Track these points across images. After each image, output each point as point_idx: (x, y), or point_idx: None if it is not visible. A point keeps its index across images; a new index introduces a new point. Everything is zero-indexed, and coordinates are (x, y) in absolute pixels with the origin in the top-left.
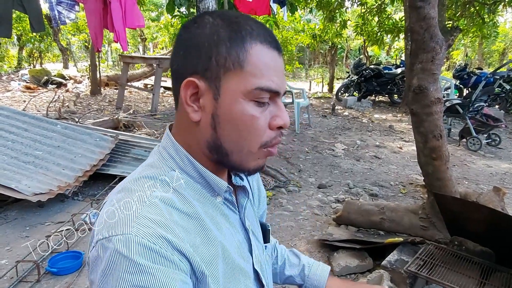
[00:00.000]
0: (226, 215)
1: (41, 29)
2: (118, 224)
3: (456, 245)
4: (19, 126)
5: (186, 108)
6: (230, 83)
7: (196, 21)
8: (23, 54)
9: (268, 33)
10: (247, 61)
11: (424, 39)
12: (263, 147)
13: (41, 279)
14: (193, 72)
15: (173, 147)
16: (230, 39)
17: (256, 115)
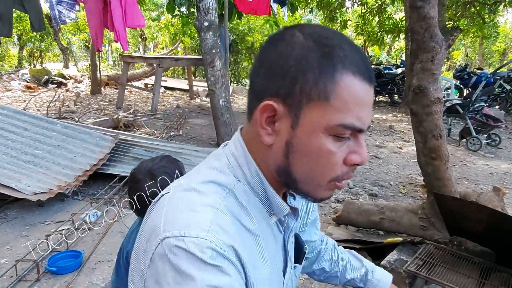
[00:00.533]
0: (275, 235)
1: (42, 28)
2: (192, 226)
3: (456, 245)
4: (19, 126)
5: (259, 130)
6: (312, 115)
7: (285, 38)
8: (23, 53)
9: (363, 61)
10: (334, 93)
11: (424, 39)
12: (333, 181)
13: (41, 278)
14: (273, 94)
15: (245, 159)
16: (319, 66)
17: (334, 150)
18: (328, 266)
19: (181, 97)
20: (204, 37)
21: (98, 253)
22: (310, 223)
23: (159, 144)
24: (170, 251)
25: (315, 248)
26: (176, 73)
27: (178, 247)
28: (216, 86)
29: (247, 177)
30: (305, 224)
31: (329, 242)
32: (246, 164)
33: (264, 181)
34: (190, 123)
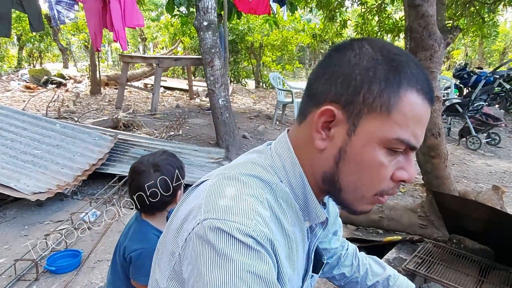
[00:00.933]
0: (304, 241)
1: (41, 28)
2: (236, 212)
3: (455, 243)
4: (18, 125)
5: (314, 134)
6: (370, 125)
7: (354, 48)
8: (23, 54)
9: (427, 82)
10: (397, 107)
11: (423, 37)
12: (377, 195)
13: (40, 278)
14: (334, 100)
15: (291, 161)
16: (386, 79)
17: (385, 163)
18: (348, 271)
19: (181, 97)
20: (203, 36)
21: (97, 253)
22: (332, 234)
23: (158, 144)
24: (212, 231)
25: (336, 253)
26: (176, 73)
27: (220, 229)
28: (215, 85)
29: (290, 179)
30: (326, 236)
31: (350, 248)
32: (291, 166)
33: (306, 185)
34: (189, 123)
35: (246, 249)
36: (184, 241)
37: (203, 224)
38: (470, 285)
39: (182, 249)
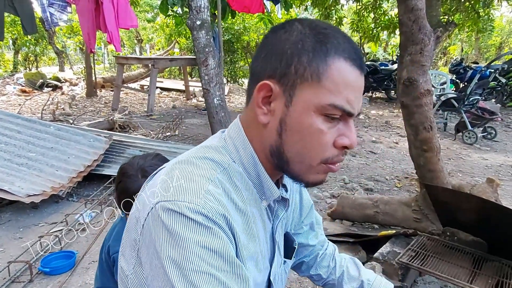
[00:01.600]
0: (264, 221)
1: (34, 31)
2: (185, 192)
3: (448, 236)
4: (12, 129)
5: (256, 110)
6: (305, 94)
7: (285, 27)
8: (18, 58)
9: (354, 50)
10: (326, 75)
11: (413, 31)
12: (324, 163)
13: (34, 279)
14: (270, 75)
15: (242, 142)
16: (314, 49)
17: (324, 130)
18: (324, 272)
19: (178, 97)
20: (196, 36)
21: (92, 253)
22: (307, 227)
23: (154, 144)
24: (164, 212)
25: (313, 252)
26: (173, 74)
27: (172, 210)
28: (210, 85)
29: (242, 158)
30: (300, 227)
31: (330, 248)
32: (242, 146)
33: (258, 163)
34: (186, 123)
35: (197, 226)
36: (142, 226)
37: (156, 207)
38: (464, 277)
39: (141, 235)
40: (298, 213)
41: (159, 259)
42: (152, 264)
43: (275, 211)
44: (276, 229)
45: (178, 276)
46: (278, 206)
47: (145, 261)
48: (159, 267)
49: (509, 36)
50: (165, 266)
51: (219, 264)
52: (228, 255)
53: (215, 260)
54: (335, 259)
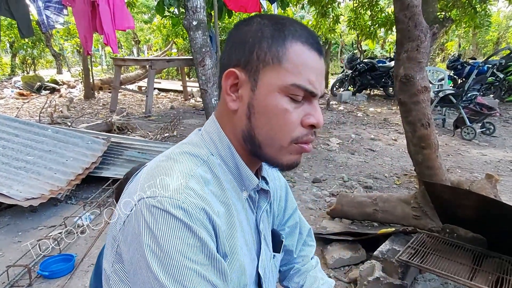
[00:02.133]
0: (247, 212)
1: (30, 34)
2: (167, 188)
3: (448, 232)
4: (10, 132)
5: (225, 97)
6: (268, 77)
7: (246, 21)
8: (16, 61)
9: (311, 36)
10: (285, 57)
11: (409, 27)
12: (294, 143)
13: (33, 283)
14: (235, 64)
15: (218, 134)
16: (272, 36)
17: (289, 109)
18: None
19: (176, 98)
20: (193, 36)
21: (91, 256)
22: (289, 229)
23: (152, 146)
24: (146, 209)
25: (290, 263)
26: (170, 74)
27: (153, 206)
28: (207, 85)
29: (219, 150)
30: (282, 227)
31: (308, 265)
32: (218, 138)
33: (234, 153)
34: (184, 123)
35: (178, 222)
36: (122, 223)
37: (138, 204)
38: (464, 273)
39: (121, 231)
40: (282, 209)
41: (142, 254)
42: (134, 259)
43: (257, 202)
44: (260, 220)
45: (161, 270)
46: (260, 197)
47: (125, 257)
48: (142, 261)
49: (506, 31)
50: (148, 260)
51: (199, 259)
52: (208, 250)
53: (196, 255)
54: (306, 279)
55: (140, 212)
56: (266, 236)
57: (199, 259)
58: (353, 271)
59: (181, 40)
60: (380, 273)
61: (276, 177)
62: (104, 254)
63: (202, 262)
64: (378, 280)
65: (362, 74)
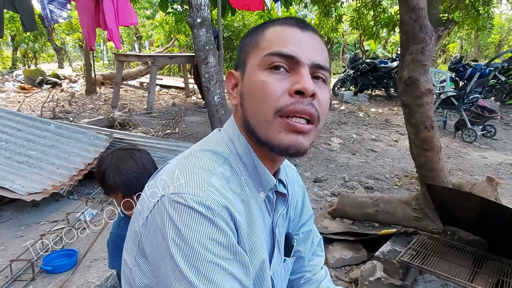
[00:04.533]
0: (263, 213)
1: (33, 28)
2: (189, 185)
3: (449, 234)
4: (12, 126)
5: (229, 97)
6: (250, 62)
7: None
8: (17, 54)
9: (295, 19)
10: (262, 39)
11: (414, 30)
12: (279, 115)
13: (36, 278)
14: (235, 67)
15: (236, 134)
16: (255, 31)
17: (268, 80)
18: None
19: (177, 95)
20: (197, 33)
21: (94, 252)
22: (303, 235)
23: (154, 142)
24: (170, 204)
25: (300, 272)
26: (172, 71)
27: (177, 202)
28: (210, 82)
29: (237, 149)
30: (297, 231)
31: (318, 275)
32: (236, 137)
33: (252, 152)
34: (186, 121)
35: (201, 217)
36: (146, 218)
37: (162, 200)
38: (464, 275)
39: (143, 226)
40: (298, 214)
41: (166, 248)
42: (157, 252)
43: (274, 204)
44: (276, 224)
45: (185, 263)
46: (277, 200)
47: (148, 251)
48: (165, 254)
49: (508, 34)
50: (172, 253)
51: (222, 253)
52: (230, 244)
53: (218, 249)
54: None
55: (164, 207)
56: (280, 241)
57: (222, 253)
58: (354, 271)
59: (184, 36)
60: (381, 274)
61: (295, 181)
62: (125, 246)
63: (225, 256)
64: (379, 280)
65: (364, 74)
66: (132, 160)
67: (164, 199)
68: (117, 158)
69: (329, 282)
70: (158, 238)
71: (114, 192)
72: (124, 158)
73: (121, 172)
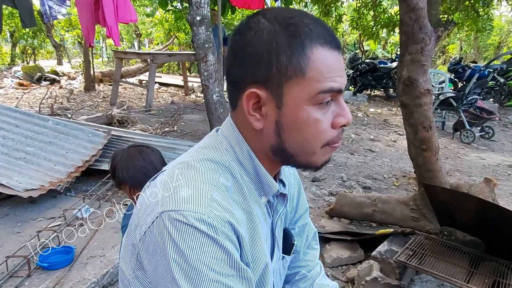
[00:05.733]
0: (265, 216)
1: (32, 24)
2: (190, 201)
3: (446, 235)
4: (10, 122)
5: (248, 118)
6: (293, 91)
7: (251, 27)
8: (16, 50)
9: (327, 32)
10: (309, 67)
11: (414, 30)
12: (326, 146)
13: (32, 274)
14: (252, 81)
15: (237, 140)
16: (290, 46)
17: (320, 118)
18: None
19: (176, 93)
20: (196, 31)
21: (90, 249)
22: (299, 229)
23: (153, 140)
24: (170, 222)
25: (295, 267)
26: (172, 69)
27: (177, 220)
28: (209, 81)
29: (238, 156)
30: (292, 226)
31: (313, 272)
32: (237, 144)
33: (254, 159)
34: (184, 119)
35: (203, 236)
36: (143, 233)
37: (161, 217)
38: (461, 276)
39: (141, 241)
40: (294, 208)
41: (167, 267)
42: (158, 271)
43: (274, 206)
44: (275, 224)
45: (187, 283)
46: (277, 201)
47: (147, 266)
48: (167, 274)
49: (508, 35)
50: (174, 274)
51: (225, 271)
52: (233, 261)
53: (222, 267)
54: (314, 286)
55: (164, 225)
56: (278, 240)
57: (225, 271)
58: (350, 270)
59: (183, 34)
60: (378, 273)
61: (292, 174)
62: (122, 256)
63: (228, 273)
64: (376, 280)
65: (363, 74)
66: (140, 156)
67: (164, 216)
68: (127, 154)
69: (323, 278)
70: (158, 256)
71: (123, 185)
72: (133, 155)
73: (128, 167)
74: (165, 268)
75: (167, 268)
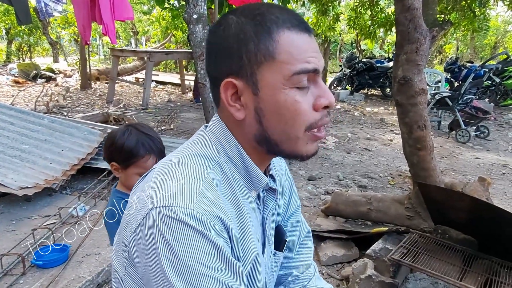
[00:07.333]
0: (256, 212)
1: (28, 21)
2: (179, 197)
3: (440, 233)
4: (5, 120)
5: (229, 109)
6: (266, 76)
7: (221, 23)
8: (12, 48)
9: (294, 17)
10: (278, 51)
11: (409, 30)
12: (308, 130)
13: (27, 272)
14: (228, 74)
15: (224, 135)
16: (256, 33)
17: (299, 100)
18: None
19: (173, 91)
20: (193, 29)
21: (85, 247)
22: (291, 226)
23: None
24: (160, 218)
25: (287, 267)
26: (169, 67)
27: (168, 216)
28: (206, 79)
29: (226, 150)
30: (284, 223)
31: (307, 273)
32: (225, 138)
33: (242, 153)
34: (181, 117)
35: (193, 231)
36: (134, 230)
37: (151, 213)
38: (454, 274)
39: (132, 238)
40: (286, 205)
41: (157, 263)
42: (148, 267)
43: (264, 201)
44: (266, 219)
45: (178, 279)
46: (267, 196)
47: (139, 263)
48: (157, 270)
49: (504, 35)
50: (165, 269)
51: (215, 265)
52: (223, 255)
53: (212, 262)
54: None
55: (154, 221)
56: (270, 235)
57: (216, 265)
58: (345, 268)
59: (180, 33)
60: (372, 271)
61: (283, 171)
62: (114, 253)
63: (219, 268)
64: (370, 278)
65: (360, 74)
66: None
67: (153, 212)
68: (135, 128)
69: (317, 280)
70: (148, 252)
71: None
72: (140, 127)
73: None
74: (156, 264)
75: (158, 264)
